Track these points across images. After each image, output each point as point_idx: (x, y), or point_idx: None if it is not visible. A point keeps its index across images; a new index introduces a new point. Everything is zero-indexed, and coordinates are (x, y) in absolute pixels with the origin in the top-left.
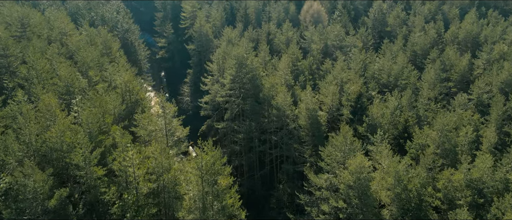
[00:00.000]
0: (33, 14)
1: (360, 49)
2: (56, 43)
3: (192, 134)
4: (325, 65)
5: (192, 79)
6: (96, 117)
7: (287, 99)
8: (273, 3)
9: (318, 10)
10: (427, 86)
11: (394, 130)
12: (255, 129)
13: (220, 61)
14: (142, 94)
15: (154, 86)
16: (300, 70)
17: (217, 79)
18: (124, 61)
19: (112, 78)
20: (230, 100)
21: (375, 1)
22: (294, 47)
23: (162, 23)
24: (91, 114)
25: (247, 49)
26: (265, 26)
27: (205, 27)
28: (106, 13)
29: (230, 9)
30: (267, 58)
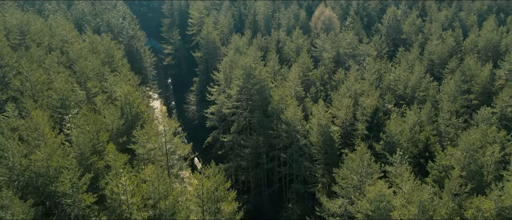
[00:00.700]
0: (35, 21)
1: (374, 58)
2: (56, 51)
3: (198, 145)
4: (338, 75)
5: (199, 88)
6: (88, 136)
7: (298, 114)
8: (283, 9)
9: (329, 16)
10: (447, 99)
11: (414, 148)
12: (263, 144)
13: (227, 70)
14: (143, 106)
15: (160, 94)
16: (311, 81)
17: (224, 89)
18: (127, 70)
19: (112, 89)
20: (236, 112)
21: (389, 8)
22: (304, 56)
23: (169, 29)
24: (83, 133)
25: (255, 58)
26: (275, 34)
27: (212, 34)
28: (112, 19)
29: (238, 15)
30: (276, 67)
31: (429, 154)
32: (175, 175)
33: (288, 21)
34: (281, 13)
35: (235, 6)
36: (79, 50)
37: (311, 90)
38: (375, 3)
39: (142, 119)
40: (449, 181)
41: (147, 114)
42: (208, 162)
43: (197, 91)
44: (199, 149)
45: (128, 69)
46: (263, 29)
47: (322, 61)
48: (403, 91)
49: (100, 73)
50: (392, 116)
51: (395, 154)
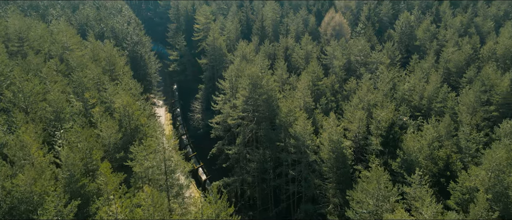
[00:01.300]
0: (36, 27)
1: (387, 66)
2: (56, 59)
3: (203, 154)
4: (349, 84)
5: (204, 95)
6: (80, 155)
7: (307, 128)
8: (291, 14)
9: (340, 22)
10: (466, 110)
11: (433, 166)
12: (270, 158)
13: (233, 79)
14: (142, 118)
15: (166, 100)
16: (321, 91)
17: (229, 99)
18: (129, 78)
19: (111, 99)
20: (242, 124)
21: (402, 13)
22: (314, 64)
23: (175, 34)
24: (73, 153)
25: (263, 67)
26: (283, 40)
27: (218, 41)
28: (116, 24)
29: (245, 21)
30: (285, 75)
31: (450, 173)
32: (174, 196)
33: (297, 26)
34: (289, 18)
35: (242, 11)
36: (79, 58)
37: (321, 100)
38: (387, 8)
39: (142, 132)
40: (474, 206)
41: (147, 126)
42: (213, 174)
43: (202, 99)
44: (204, 158)
45: (131, 77)
46: (271, 35)
47: (332, 69)
48: (419, 102)
49: (100, 82)
50: (409, 130)
51: (414, 174)
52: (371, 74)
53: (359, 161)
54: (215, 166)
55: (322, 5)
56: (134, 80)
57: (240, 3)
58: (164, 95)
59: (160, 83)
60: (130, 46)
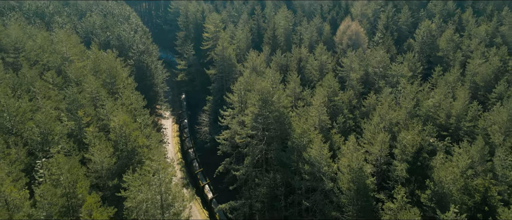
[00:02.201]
0: (37, 36)
1: (408, 79)
2: (52, 71)
3: (209, 170)
4: (368, 100)
5: (212, 107)
6: (60, 191)
7: (324, 152)
8: (305, 22)
9: (356, 31)
10: (499, 130)
11: (469, 199)
12: (281, 184)
13: (242, 92)
14: (141, 139)
15: (173, 110)
16: (338, 107)
17: (238, 113)
18: (130, 91)
19: (109, 117)
20: (251, 143)
21: (422, 21)
22: (330, 78)
23: (184, 43)
24: (51, 189)
25: (274, 81)
26: (296, 51)
27: (228, 50)
28: (123, 32)
29: (257, 29)
30: (298, 89)
31: (489, 207)
32: None
33: (311, 35)
34: (303, 26)
35: (253, 19)
36: (78, 70)
37: (338, 119)
38: (406, 16)
39: (139, 155)
40: None
41: (147, 147)
42: (220, 192)
43: (210, 111)
44: (211, 174)
45: (133, 89)
46: (283, 45)
47: (349, 82)
48: (446, 120)
49: (98, 97)
50: (438, 155)
51: (448, 211)
52: (392, 88)
53: (382, 189)
54: (222, 185)
55: (337, 13)
56: (137, 93)
57: (251, 10)
58: (171, 105)
59: (168, 92)
60: (136, 56)
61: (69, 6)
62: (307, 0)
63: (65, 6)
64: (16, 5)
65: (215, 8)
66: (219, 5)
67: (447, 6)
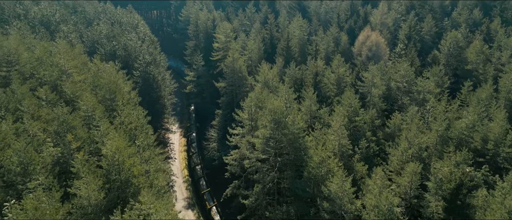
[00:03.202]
0: (37, 47)
1: (436, 95)
2: (46, 87)
3: (217, 191)
4: (393, 120)
5: (221, 122)
6: None
7: (346, 188)
8: (320, 32)
9: (377, 42)
10: None
11: None
12: (295, 218)
13: (252, 109)
14: (136, 168)
15: (181, 123)
16: (359, 130)
17: (248, 132)
18: (130, 109)
19: (103, 141)
20: (261, 169)
21: (446, 32)
22: (351, 96)
23: (193, 53)
24: None
25: (288, 99)
26: (311, 63)
27: (238, 62)
28: (129, 42)
29: (269, 39)
30: (314, 107)
31: None
32: None
33: (327, 45)
34: (318, 36)
35: (266, 28)
36: (75, 85)
37: (360, 143)
38: (429, 26)
39: (134, 186)
40: None
41: (143, 175)
42: (228, 217)
43: (219, 126)
44: (219, 195)
45: (136, 104)
46: (298, 56)
47: (370, 99)
48: (482, 145)
49: (93, 116)
50: (481, 191)
51: None
52: (419, 107)
53: None
54: (230, 209)
55: (355, 22)
56: (139, 109)
57: (264, 19)
58: (180, 116)
59: (176, 103)
60: (142, 67)
61: (77, 14)
62: (322, 8)
63: (73, 14)
64: (22, 13)
65: (226, 17)
66: (231, 13)
67: (473, 15)
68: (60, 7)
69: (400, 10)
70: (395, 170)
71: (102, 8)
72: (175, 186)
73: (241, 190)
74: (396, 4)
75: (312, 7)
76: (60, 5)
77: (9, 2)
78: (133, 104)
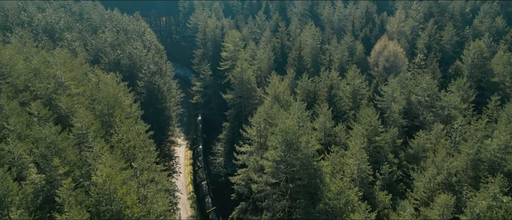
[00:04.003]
0: (35, 57)
1: (461, 111)
2: (37, 102)
3: (224, 210)
4: (417, 140)
5: (229, 135)
6: None
7: None
8: (334, 41)
9: (395, 52)
10: None
11: None
12: None
13: (261, 126)
14: (130, 198)
15: (188, 134)
16: (380, 152)
17: (257, 150)
18: (129, 125)
19: (95, 165)
20: (270, 195)
21: (468, 41)
22: (370, 113)
23: (201, 62)
24: None
25: (301, 117)
26: (325, 75)
27: (247, 72)
28: (134, 50)
29: (280, 48)
30: (328, 124)
31: None
32: None
33: (341, 55)
34: (332, 45)
35: (276, 37)
36: (70, 99)
37: (382, 168)
38: (450, 34)
39: (127, 218)
40: None
41: (140, 206)
42: None
43: (226, 140)
44: (225, 215)
45: (138, 118)
46: (310, 66)
47: (390, 114)
48: None
49: (88, 133)
50: None
51: None
52: (444, 124)
53: None
54: None
55: (370, 30)
56: (140, 124)
57: (274, 27)
58: (186, 127)
59: (183, 113)
60: (146, 76)
61: (82, 22)
62: (336, 16)
63: (79, 21)
64: (26, 20)
65: (235, 24)
66: (240, 20)
67: (496, 23)
68: (65, 14)
69: (418, 17)
70: (421, 199)
71: (108, 15)
72: (179, 203)
73: (248, 215)
74: (414, 12)
75: (325, 14)
76: (66, 12)
77: (14, 8)
78: (135, 118)
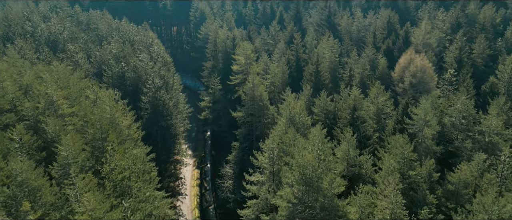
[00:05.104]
0: (27, 72)
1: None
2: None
3: None
4: (458, 174)
5: (238, 156)
6: None
7: None
8: (354, 53)
9: (423, 68)
10: None
11: None
12: None
13: (274, 153)
14: None
15: (196, 151)
16: (415, 190)
17: (269, 180)
18: (121, 154)
19: (79, 202)
20: None
21: (504, 55)
22: (403, 143)
23: (210, 74)
24: None
25: (322, 149)
26: (345, 92)
27: (259, 89)
28: (139, 63)
29: (295, 61)
30: (352, 153)
31: None
32: None
33: (363, 69)
34: (351, 58)
35: (291, 49)
36: (58, 122)
37: (421, 213)
38: (481, 47)
39: None
40: None
41: None
42: None
43: (235, 161)
44: None
45: (138, 139)
46: (328, 82)
47: (422, 140)
48: None
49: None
50: None
51: None
52: (487, 154)
53: None
54: None
55: (393, 42)
56: (141, 145)
57: (289, 39)
58: (194, 143)
59: (191, 128)
60: (151, 91)
61: (87, 32)
62: (355, 26)
63: (85, 31)
64: (30, 31)
65: (248, 35)
66: (253, 31)
67: None
68: (71, 24)
69: (445, 28)
70: None
71: (116, 25)
72: None
73: None
74: (440, 22)
75: (343, 25)
76: (72, 22)
77: (19, 18)
78: (134, 140)
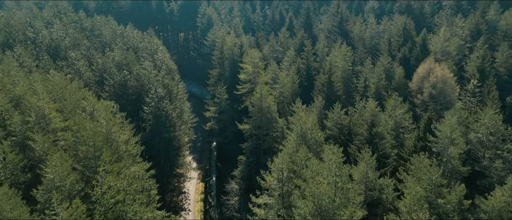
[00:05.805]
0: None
1: None
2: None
3: None
4: (491, 201)
5: (245, 171)
6: None
7: None
8: (368, 61)
9: (443, 78)
10: None
11: None
12: None
13: (283, 175)
14: None
15: (200, 162)
16: (442, 214)
17: (277, 204)
18: (114, 176)
19: None
20: None
21: None
22: (430, 168)
23: (216, 83)
24: None
25: (339, 174)
26: (361, 105)
27: (267, 100)
28: (142, 71)
29: (305, 69)
30: (371, 175)
31: None
32: None
33: (378, 80)
34: (366, 67)
35: (301, 57)
36: (47, 139)
37: None
38: (505, 56)
39: None
40: None
41: None
42: None
43: (242, 176)
44: None
45: (137, 155)
46: (342, 93)
47: (447, 160)
48: None
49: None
50: None
51: None
52: None
53: None
54: None
55: (410, 50)
56: (140, 162)
57: (299, 46)
58: (199, 154)
59: (197, 139)
60: (154, 101)
61: (91, 38)
62: (367, 33)
63: (88, 37)
64: (31, 37)
65: (256, 42)
66: (261, 37)
67: None
68: (74, 30)
69: (464, 35)
70: None
71: (120, 31)
72: None
73: None
74: (459, 29)
75: (356, 31)
76: (76, 28)
77: (22, 24)
78: (132, 157)
